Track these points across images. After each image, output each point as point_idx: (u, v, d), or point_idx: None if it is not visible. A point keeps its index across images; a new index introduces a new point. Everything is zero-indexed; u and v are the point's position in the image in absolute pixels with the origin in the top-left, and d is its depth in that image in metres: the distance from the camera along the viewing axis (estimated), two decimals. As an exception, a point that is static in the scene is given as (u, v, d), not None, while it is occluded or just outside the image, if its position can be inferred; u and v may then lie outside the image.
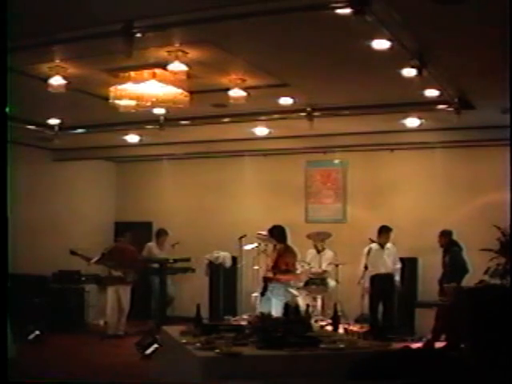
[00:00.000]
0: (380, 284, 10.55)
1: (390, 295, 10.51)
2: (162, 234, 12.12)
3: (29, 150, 11.81)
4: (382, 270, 10.59)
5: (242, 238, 11.40)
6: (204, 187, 13.13)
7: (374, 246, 10.69)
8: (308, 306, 7.58)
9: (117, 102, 7.61)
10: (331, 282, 11.18)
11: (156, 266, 11.68)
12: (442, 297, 9.53)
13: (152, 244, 12.11)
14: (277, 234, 9.13)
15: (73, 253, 10.66)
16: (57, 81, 7.19)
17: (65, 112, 9.69)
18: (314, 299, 10.91)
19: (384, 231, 10.65)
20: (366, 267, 10.67)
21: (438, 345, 8.86)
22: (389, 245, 10.73)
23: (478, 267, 9.54)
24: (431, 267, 10.60)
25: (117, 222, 13.76)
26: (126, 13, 5.69)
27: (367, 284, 10.63)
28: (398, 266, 10.70)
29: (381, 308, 10.60)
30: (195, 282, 11.96)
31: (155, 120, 9.76)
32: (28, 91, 7.74)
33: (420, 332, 10.17)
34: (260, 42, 6.45)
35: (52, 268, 11.82)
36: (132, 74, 7.42)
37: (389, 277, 10.57)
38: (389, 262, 10.64)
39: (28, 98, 8.11)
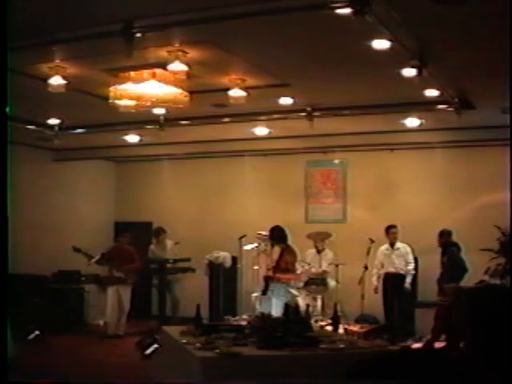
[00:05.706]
0: (388, 283, 10.58)
1: (397, 295, 10.38)
2: (160, 232, 11.92)
3: (29, 149, 11.81)
4: (391, 270, 10.60)
5: (242, 238, 11.40)
6: (204, 187, 13.14)
7: (384, 246, 10.74)
8: (308, 305, 7.59)
9: (117, 101, 7.61)
10: (331, 282, 11.18)
11: (156, 266, 11.68)
12: (442, 297, 9.53)
13: (153, 246, 11.99)
14: (277, 234, 9.19)
15: (76, 249, 10.61)
16: (57, 81, 7.18)
17: (65, 112, 9.68)
18: (314, 299, 10.91)
19: (388, 230, 10.70)
20: (365, 267, 10.69)
21: (438, 345, 8.91)
22: (399, 244, 10.70)
23: (478, 267, 9.54)
24: (431, 267, 10.57)
25: (117, 221, 13.76)
26: (126, 13, 5.69)
27: (376, 282, 10.67)
28: (409, 267, 10.60)
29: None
30: (195, 282, 11.95)
31: (155, 120, 9.75)
32: (28, 91, 7.74)
33: (420, 332, 10.18)
34: (260, 42, 6.44)
35: (52, 268, 11.82)
36: (132, 74, 7.42)
37: (398, 276, 10.53)
38: (397, 262, 10.60)
39: (28, 98, 8.11)
